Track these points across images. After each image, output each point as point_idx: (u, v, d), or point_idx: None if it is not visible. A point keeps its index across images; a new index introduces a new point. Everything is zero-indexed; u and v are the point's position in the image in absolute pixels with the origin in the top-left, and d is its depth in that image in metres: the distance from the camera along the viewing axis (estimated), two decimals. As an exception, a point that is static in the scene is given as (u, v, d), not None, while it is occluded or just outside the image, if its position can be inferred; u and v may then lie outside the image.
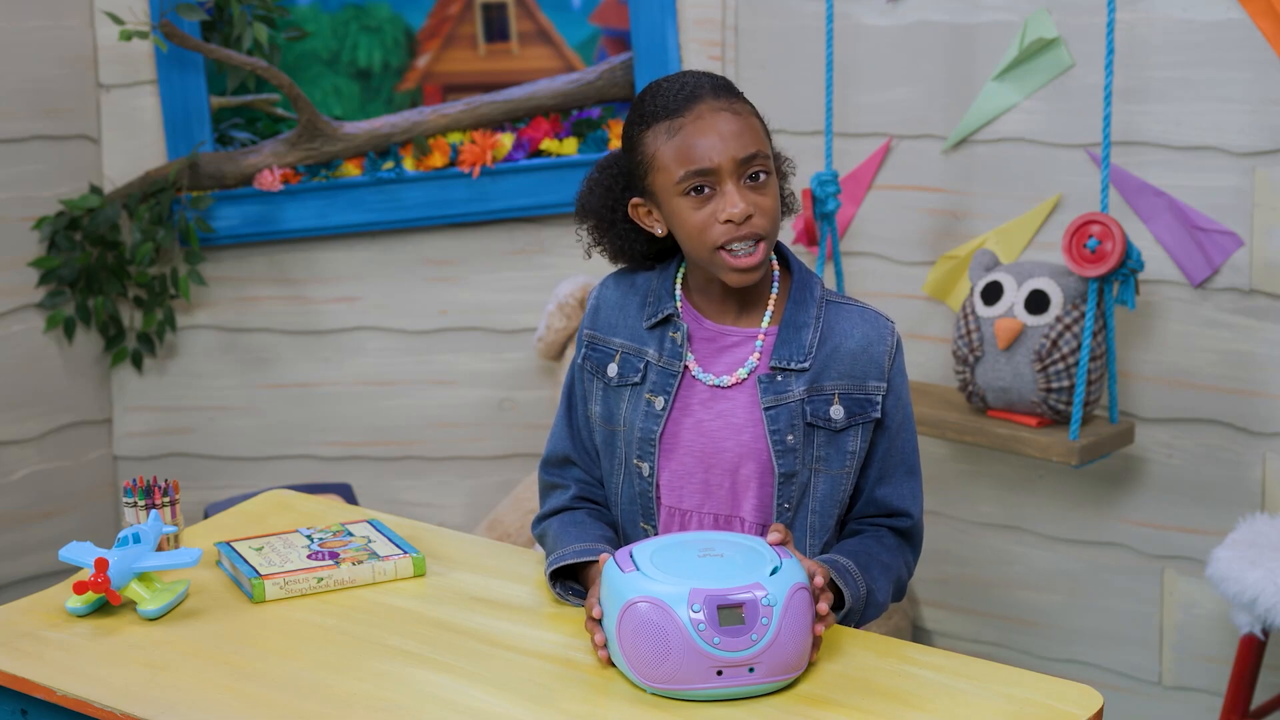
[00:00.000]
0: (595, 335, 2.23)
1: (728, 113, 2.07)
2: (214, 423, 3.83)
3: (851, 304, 2.18)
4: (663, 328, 2.17)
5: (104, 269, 3.65)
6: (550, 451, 2.28)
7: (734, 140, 2.06)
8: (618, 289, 2.24)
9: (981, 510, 3.49)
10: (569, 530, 2.17)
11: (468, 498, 3.86)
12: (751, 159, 2.07)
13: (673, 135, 2.07)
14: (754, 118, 2.11)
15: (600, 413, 2.20)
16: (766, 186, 2.08)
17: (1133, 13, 3.09)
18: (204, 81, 3.64)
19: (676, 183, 2.07)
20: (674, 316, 2.16)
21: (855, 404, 2.12)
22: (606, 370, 2.19)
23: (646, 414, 2.15)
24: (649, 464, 2.15)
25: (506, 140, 3.67)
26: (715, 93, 2.09)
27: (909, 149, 3.46)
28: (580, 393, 2.24)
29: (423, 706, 1.85)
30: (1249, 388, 3.10)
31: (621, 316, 2.21)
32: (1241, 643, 2.87)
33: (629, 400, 2.17)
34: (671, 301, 2.17)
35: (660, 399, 2.14)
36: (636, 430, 2.15)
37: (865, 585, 2.09)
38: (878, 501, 2.18)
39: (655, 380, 2.15)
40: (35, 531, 3.66)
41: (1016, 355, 3.09)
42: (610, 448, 2.20)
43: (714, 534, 2.00)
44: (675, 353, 2.15)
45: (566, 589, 2.12)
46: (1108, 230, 2.95)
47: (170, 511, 2.31)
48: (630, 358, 2.18)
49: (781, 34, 3.59)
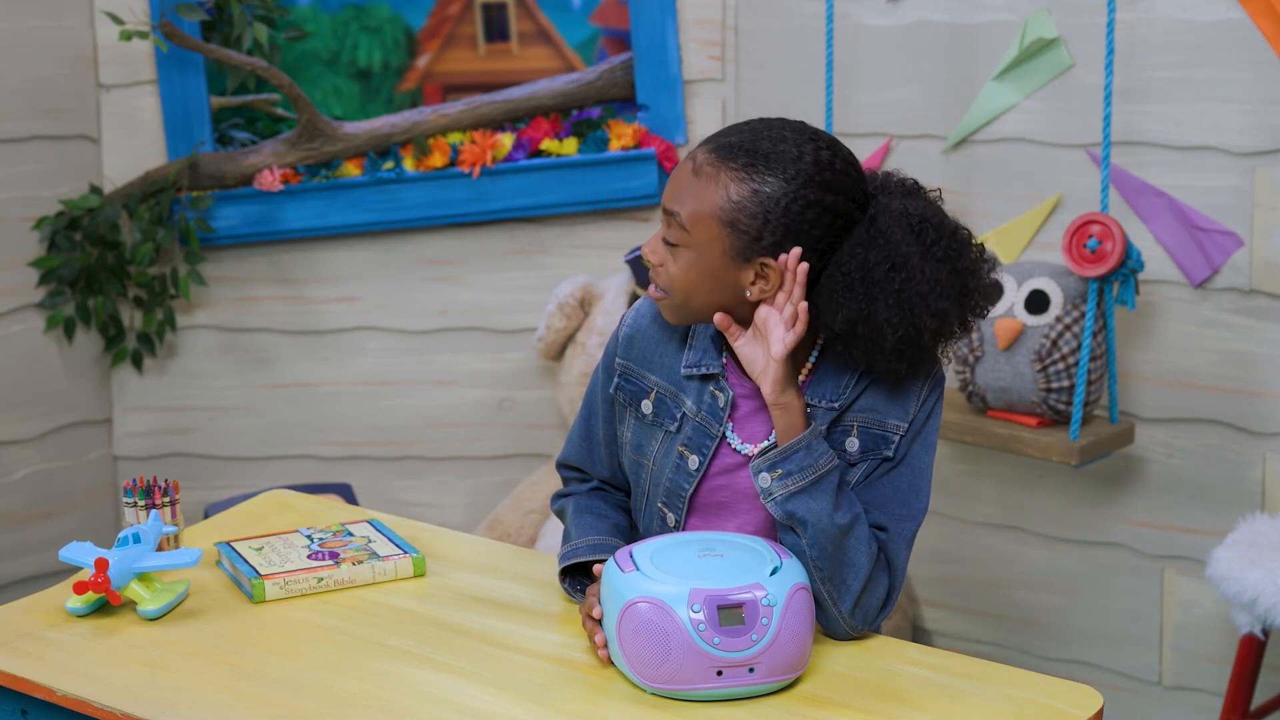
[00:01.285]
0: (629, 367, 2.15)
1: (689, 164, 1.99)
2: (214, 423, 3.83)
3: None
4: (703, 381, 2.08)
5: (104, 269, 3.65)
6: (565, 456, 2.26)
7: (671, 187, 2.00)
8: (655, 320, 2.13)
9: (981, 510, 3.49)
10: (584, 519, 2.15)
11: (468, 498, 3.86)
12: (671, 215, 1.99)
13: None
14: (716, 188, 1.95)
15: (631, 441, 2.15)
16: (675, 251, 1.99)
17: (1133, 13, 3.09)
18: (204, 81, 3.64)
19: None
20: (719, 377, 2.07)
21: (870, 439, 2.04)
22: (640, 406, 2.13)
23: (679, 468, 2.09)
24: (675, 515, 2.11)
25: (506, 140, 3.67)
26: (707, 145, 2.00)
27: (909, 149, 3.46)
28: (605, 414, 2.19)
29: (423, 706, 1.85)
30: (1249, 388, 3.10)
31: (659, 354, 2.12)
32: (1241, 643, 2.87)
33: (661, 443, 2.11)
34: (718, 358, 2.08)
35: (695, 459, 2.08)
36: (666, 478, 2.10)
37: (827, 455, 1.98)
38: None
39: (691, 437, 2.08)
40: (35, 531, 3.66)
41: (1016, 355, 3.09)
42: (637, 475, 2.16)
43: (714, 534, 2.00)
44: (715, 414, 2.07)
45: (575, 585, 2.11)
46: (1108, 230, 2.95)
47: (170, 511, 2.31)
48: (666, 401, 2.11)
49: (781, 34, 3.59)
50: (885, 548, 2.03)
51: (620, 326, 2.17)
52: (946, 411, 3.21)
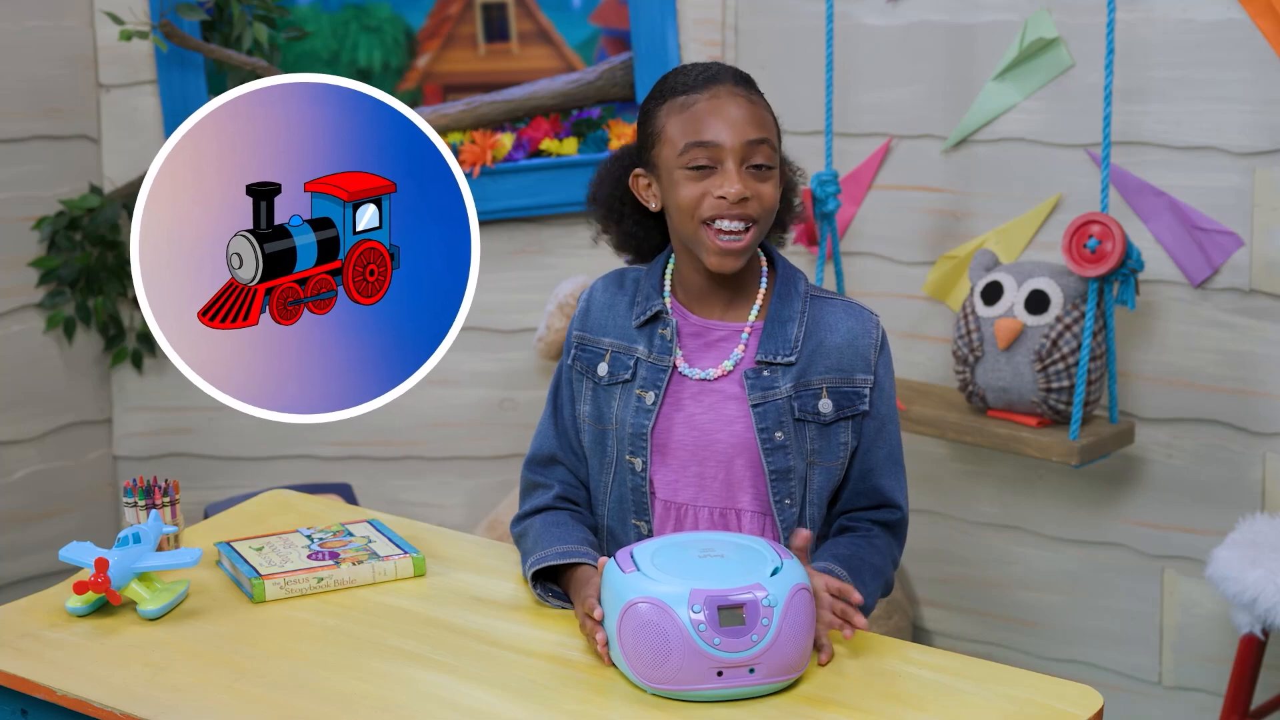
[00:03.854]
0: (585, 336, 2.23)
1: (743, 98, 2.10)
2: (214, 423, 3.83)
3: (835, 298, 2.19)
4: (651, 325, 2.18)
5: (104, 269, 3.65)
6: (535, 450, 2.29)
7: (743, 123, 2.08)
8: (606, 291, 2.25)
9: (981, 510, 3.49)
10: (551, 531, 2.17)
11: (468, 498, 3.86)
12: (758, 145, 2.08)
13: (685, 110, 2.09)
14: (768, 113, 2.13)
15: (590, 412, 2.21)
16: (768, 177, 2.10)
17: (1133, 13, 3.09)
18: (204, 81, 3.64)
19: (679, 154, 2.08)
20: (663, 313, 2.17)
21: (844, 397, 2.14)
22: (596, 370, 2.20)
23: (638, 410, 2.15)
24: (641, 459, 2.15)
25: (506, 140, 3.67)
26: (735, 80, 2.12)
27: (909, 149, 3.46)
28: (568, 394, 2.25)
29: (423, 706, 1.85)
30: (1249, 388, 3.10)
31: (610, 316, 2.22)
32: (1241, 643, 2.87)
33: (620, 398, 2.18)
34: (659, 298, 2.19)
35: (651, 394, 2.15)
36: (628, 426, 2.16)
37: (867, 585, 2.10)
38: (867, 493, 2.19)
39: (645, 376, 2.16)
40: (35, 531, 3.66)
41: (1016, 355, 3.09)
42: (600, 447, 2.20)
43: (715, 534, 2.00)
44: (665, 348, 2.16)
45: (547, 590, 2.12)
46: (1108, 230, 2.95)
47: (170, 511, 2.31)
48: (620, 356, 2.19)
49: (781, 34, 3.59)
50: (891, 500, 2.20)
51: (578, 306, 2.27)
52: (947, 411, 3.21)
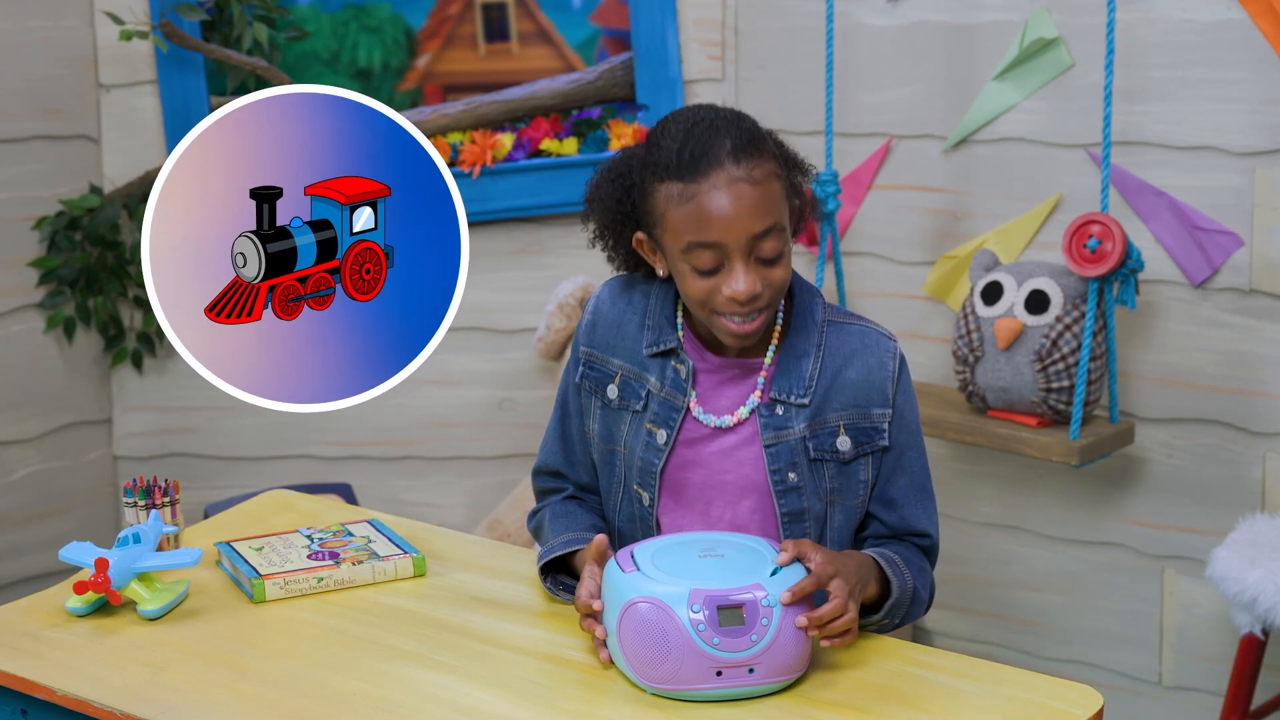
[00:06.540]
0: (593, 354, 2.17)
1: (745, 183, 1.94)
2: (214, 423, 3.83)
3: (853, 323, 2.10)
4: (664, 358, 2.11)
5: (104, 269, 3.65)
6: (542, 461, 2.26)
7: (748, 216, 1.94)
8: (614, 304, 2.16)
9: (981, 510, 3.49)
10: (559, 521, 2.16)
11: (468, 498, 3.86)
12: (765, 234, 1.96)
13: (684, 202, 1.95)
14: (774, 181, 1.97)
15: (599, 431, 2.16)
16: (779, 260, 1.98)
17: (1133, 13, 3.09)
18: (204, 81, 3.64)
19: (683, 250, 1.98)
20: (677, 350, 2.10)
21: (862, 433, 2.07)
22: (606, 391, 2.15)
23: (648, 445, 2.11)
24: (649, 494, 2.12)
25: (506, 140, 3.67)
26: (735, 157, 1.95)
27: (909, 149, 3.46)
28: (576, 408, 2.20)
29: (423, 706, 1.85)
30: (1249, 388, 3.10)
31: (619, 336, 2.14)
32: (1241, 643, 2.87)
33: (630, 425, 2.12)
34: (673, 333, 2.11)
35: (663, 433, 2.10)
36: (637, 458, 2.11)
37: (910, 578, 2.05)
38: (895, 526, 2.12)
39: (657, 412, 2.10)
40: (35, 531, 3.66)
41: (1016, 355, 3.09)
42: (609, 466, 2.17)
43: (715, 534, 2.00)
44: (679, 386, 2.09)
45: (558, 584, 2.11)
46: (1108, 230, 2.95)
47: (170, 511, 2.31)
48: (631, 382, 2.12)
49: (781, 34, 3.59)
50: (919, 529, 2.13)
51: (583, 315, 2.19)
52: (947, 411, 3.21)
